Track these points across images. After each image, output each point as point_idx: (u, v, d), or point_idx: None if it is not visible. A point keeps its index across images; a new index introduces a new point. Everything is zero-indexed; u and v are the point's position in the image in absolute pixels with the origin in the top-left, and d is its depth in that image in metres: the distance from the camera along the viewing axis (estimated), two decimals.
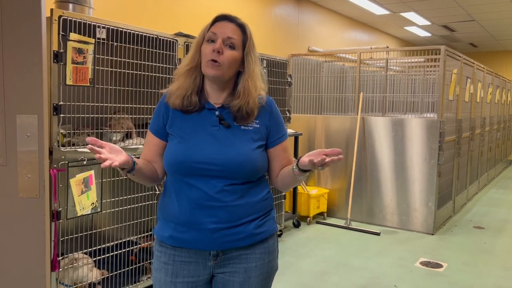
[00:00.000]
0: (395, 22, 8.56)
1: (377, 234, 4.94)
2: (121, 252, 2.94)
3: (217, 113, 1.53)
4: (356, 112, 5.47)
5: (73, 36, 2.46)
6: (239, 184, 1.49)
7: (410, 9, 7.53)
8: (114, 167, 1.30)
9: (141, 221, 3.06)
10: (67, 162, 2.50)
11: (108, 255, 2.86)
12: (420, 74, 6.12)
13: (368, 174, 5.37)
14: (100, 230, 2.89)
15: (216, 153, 1.47)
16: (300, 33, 6.69)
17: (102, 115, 2.80)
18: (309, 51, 6.89)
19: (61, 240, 2.53)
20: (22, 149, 1.88)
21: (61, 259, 2.57)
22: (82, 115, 2.64)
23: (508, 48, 11.86)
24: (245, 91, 1.51)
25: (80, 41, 2.49)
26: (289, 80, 4.60)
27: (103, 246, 2.87)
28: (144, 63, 2.95)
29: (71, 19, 2.45)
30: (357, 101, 5.44)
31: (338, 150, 1.32)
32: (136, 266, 3.03)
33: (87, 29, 2.53)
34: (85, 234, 2.73)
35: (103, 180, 2.72)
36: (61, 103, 2.46)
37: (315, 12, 7.09)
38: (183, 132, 1.52)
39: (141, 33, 2.87)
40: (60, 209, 2.48)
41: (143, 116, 3.02)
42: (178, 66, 3.05)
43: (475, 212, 6.19)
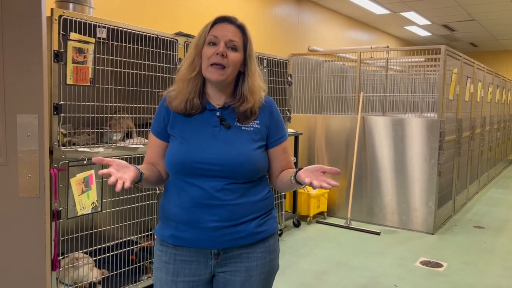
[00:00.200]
0: (395, 21, 8.56)
1: (377, 233, 4.94)
2: (121, 251, 2.94)
3: (218, 114, 1.53)
4: (356, 111, 5.47)
5: (74, 35, 2.46)
6: (240, 183, 1.49)
7: (410, 9, 7.53)
8: (126, 188, 1.29)
9: (141, 220, 3.06)
10: (68, 161, 2.51)
11: (108, 255, 2.86)
12: (420, 73, 6.11)
13: (368, 173, 5.37)
14: (100, 229, 2.89)
15: (216, 153, 1.47)
16: (300, 33, 6.69)
17: (102, 115, 2.80)
18: (309, 50, 6.88)
19: (61, 239, 2.54)
20: (22, 148, 1.88)
21: (61, 258, 2.57)
22: (82, 115, 2.64)
23: (508, 47, 11.86)
24: (251, 93, 1.53)
25: (80, 41, 2.49)
26: (289, 79, 4.60)
27: (104, 245, 2.87)
28: (144, 62, 2.95)
29: (71, 18, 2.46)
30: (357, 100, 5.44)
31: (336, 170, 1.35)
32: (136, 265, 3.03)
33: (88, 29, 2.54)
34: (85, 233, 2.74)
35: (104, 179, 2.72)
36: (62, 102, 2.46)
37: (315, 11, 7.09)
38: (184, 133, 1.53)
39: (142, 33, 2.87)
40: (60, 209, 2.49)
41: (144, 115, 3.02)
42: (178, 65, 3.06)
43: (475, 211, 6.19)
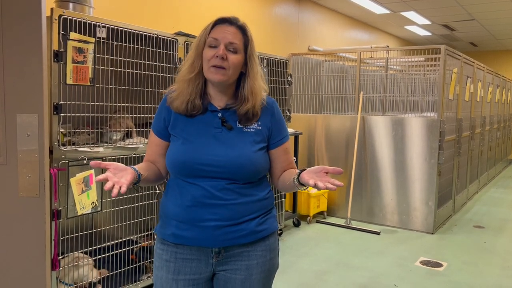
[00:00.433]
0: (395, 21, 8.56)
1: (377, 233, 4.94)
2: (121, 251, 2.94)
3: (219, 115, 1.53)
4: (356, 111, 5.47)
5: (74, 35, 2.46)
6: (241, 183, 1.50)
7: (410, 9, 7.53)
8: (122, 192, 1.28)
9: (141, 220, 3.06)
10: (68, 161, 2.51)
11: (108, 254, 2.86)
12: (420, 73, 6.11)
13: (368, 173, 5.37)
14: (100, 229, 2.90)
15: (218, 154, 1.48)
16: (300, 33, 6.69)
17: (102, 115, 2.80)
18: (309, 50, 6.88)
19: (61, 239, 2.54)
20: (22, 148, 1.88)
21: (61, 258, 2.57)
22: (82, 115, 2.64)
23: (508, 47, 11.86)
24: (252, 94, 1.53)
25: (80, 41, 2.49)
26: (289, 79, 4.60)
27: (104, 245, 2.87)
28: (144, 62, 2.95)
29: (71, 18, 2.46)
30: (357, 100, 5.44)
31: (339, 170, 1.36)
32: (136, 265, 3.03)
33: (88, 29, 2.54)
34: (85, 233, 2.74)
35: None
36: (61, 102, 2.46)
37: (315, 11, 7.09)
38: (185, 133, 1.53)
39: (141, 33, 2.87)
40: (60, 208, 2.49)
41: (143, 115, 3.02)
42: (178, 65, 3.06)
43: (475, 211, 6.19)
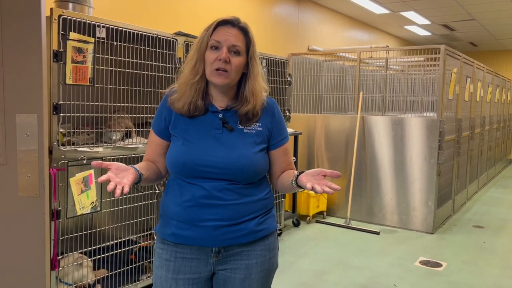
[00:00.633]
0: (395, 21, 8.56)
1: (377, 233, 4.94)
2: (121, 251, 2.94)
3: (220, 116, 1.54)
4: (356, 111, 5.47)
5: (73, 35, 2.45)
6: (241, 184, 1.51)
7: (410, 8, 7.53)
8: (125, 193, 1.28)
9: (141, 220, 3.06)
10: (67, 161, 2.51)
11: (108, 254, 2.86)
12: (420, 73, 6.11)
13: (368, 173, 5.37)
14: (100, 229, 2.89)
15: (218, 156, 1.48)
16: (300, 32, 6.69)
17: (101, 114, 2.80)
18: (309, 50, 6.88)
19: (60, 239, 2.54)
20: (22, 148, 1.88)
21: (60, 258, 2.57)
22: (82, 114, 2.64)
23: (508, 47, 11.86)
24: (253, 94, 1.53)
25: (80, 40, 2.49)
26: (289, 79, 4.60)
27: (103, 245, 2.87)
28: (143, 62, 2.95)
29: (71, 18, 2.45)
30: (357, 100, 5.44)
31: (337, 173, 1.35)
32: (136, 265, 3.03)
33: (87, 28, 2.53)
34: (85, 233, 2.74)
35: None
36: (61, 102, 2.46)
37: (315, 11, 7.09)
38: (186, 134, 1.53)
39: (141, 32, 2.87)
40: (60, 208, 2.49)
41: (143, 115, 3.02)
42: (178, 65, 3.06)
43: (474, 211, 6.19)
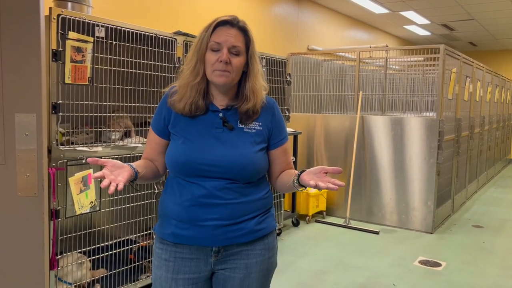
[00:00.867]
0: (394, 21, 8.56)
1: (376, 233, 4.94)
2: (120, 250, 2.94)
3: (220, 115, 1.54)
4: (355, 111, 5.47)
5: (72, 34, 2.45)
6: (241, 183, 1.51)
7: (409, 8, 7.53)
8: (119, 190, 1.29)
9: (140, 219, 3.06)
10: (66, 160, 2.50)
11: (107, 254, 2.86)
12: (419, 73, 6.11)
13: (367, 173, 5.38)
14: (99, 228, 2.89)
15: (219, 155, 1.48)
16: (299, 32, 6.69)
17: (101, 114, 2.80)
18: (308, 50, 6.88)
19: (59, 238, 2.53)
20: (20, 147, 1.88)
21: (59, 258, 2.57)
22: (81, 114, 2.64)
23: (507, 47, 11.86)
24: (253, 93, 1.53)
25: (79, 40, 2.49)
26: (288, 79, 4.60)
27: (102, 244, 2.87)
28: (143, 61, 2.95)
29: (69, 17, 2.45)
30: (357, 100, 5.44)
31: (338, 169, 1.37)
32: (135, 264, 3.03)
33: (86, 28, 2.53)
34: (84, 232, 2.74)
35: (101, 180, 2.71)
36: (60, 101, 2.46)
37: (315, 10, 7.08)
38: (186, 132, 1.53)
39: (140, 32, 2.87)
40: (58, 208, 2.48)
41: (142, 114, 3.02)
42: (177, 65, 3.06)
43: (474, 211, 6.20)
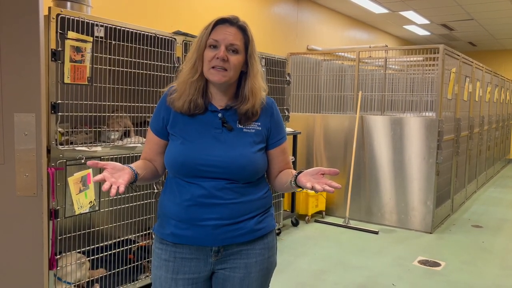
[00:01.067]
0: (394, 21, 8.56)
1: (376, 232, 4.94)
2: (119, 250, 2.93)
3: (219, 116, 1.53)
4: (355, 111, 5.47)
5: (71, 34, 2.45)
6: (240, 183, 1.51)
7: (409, 8, 7.53)
8: (120, 192, 1.28)
9: (140, 219, 3.06)
10: (65, 160, 2.50)
11: (106, 254, 2.86)
12: (419, 73, 6.11)
13: (366, 173, 5.38)
14: (98, 228, 2.89)
15: (218, 155, 1.48)
16: (299, 32, 6.69)
17: (100, 114, 2.80)
18: (308, 49, 6.88)
19: (59, 238, 2.53)
20: (20, 147, 1.87)
21: (58, 258, 2.56)
22: (80, 114, 2.64)
23: (507, 47, 11.86)
24: (252, 93, 1.53)
25: (78, 40, 2.49)
26: (287, 78, 4.60)
27: (101, 244, 2.87)
28: (142, 61, 2.95)
29: (69, 17, 2.45)
30: (356, 100, 5.44)
31: (336, 171, 1.36)
32: (134, 264, 3.03)
33: (85, 28, 2.53)
34: (83, 232, 2.73)
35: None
36: (59, 101, 2.46)
37: (314, 10, 7.08)
38: (185, 133, 1.53)
39: (139, 32, 2.86)
40: (58, 208, 2.48)
41: (142, 114, 3.02)
42: (176, 64, 3.06)
43: (473, 211, 6.20)
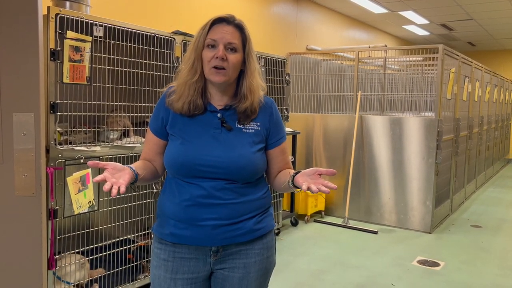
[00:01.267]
0: (393, 20, 8.56)
1: (375, 232, 4.94)
2: (118, 250, 2.93)
3: (219, 116, 1.53)
4: (354, 110, 5.47)
5: (70, 34, 2.45)
6: (240, 183, 1.51)
7: (408, 8, 7.53)
8: (122, 193, 1.28)
9: (139, 219, 3.05)
10: (64, 160, 2.50)
11: (105, 254, 2.86)
12: (418, 73, 6.11)
13: (366, 172, 5.38)
14: (97, 228, 2.89)
15: (217, 155, 1.48)
16: (298, 32, 6.69)
17: (99, 113, 2.79)
18: (307, 49, 6.88)
19: (58, 238, 2.53)
20: (18, 147, 1.87)
21: (57, 257, 2.56)
22: (79, 113, 2.64)
23: (506, 47, 11.87)
24: (250, 91, 1.53)
25: (77, 39, 2.48)
26: (287, 78, 4.60)
27: (100, 244, 2.86)
28: (141, 61, 2.94)
29: (68, 17, 2.45)
30: (355, 99, 5.44)
31: (333, 171, 1.36)
32: (133, 264, 3.03)
33: (84, 27, 2.53)
34: (82, 232, 2.73)
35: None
36: (58, 101, 2.46)
37: (314, 10, 7.08)
38: (185, 133, 1.52)
39: (139, 31, 2.86)
40: (57, 208, 2.48)
41: (141, 114, 3.02)
42: (176, 64, 3.05)
43: (472, 211, 6.20)
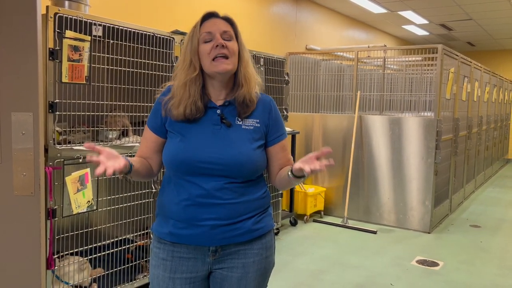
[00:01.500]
0: (393, 20, 8.56)
1: (374, 232, 4.94)
2: (117, 250, 2.93)
3: (218, 112, 1.53)
4: (353, 110, 5.47)
5: (69, 33, 2.44)
6: (239, 182, 1.50)
7: (408, 8, 7.53)
8: (108, 175, 1.28)
9: (138, 219, 3.05)
10: (63, 160, 2.50)
11: (104, 253, 2.85)
12: (417, 72, 6.12)
13: (365, 172, 5.38)
14: (96, 228, 2.89)
15: (217, 152, 1.47)
16: (297, 31, 6.69)
17: (98, 113, 2.80)
18: (306, 49, 6.88)
19: (56, 238, 2.53)
20: (17, 146, 1.87)
21: (56, 257, 2.56)
22: (78, 113, 2.63)
23: (505, 47, 11.87)
24: (246, 79, 1.54)
25: (76, 39, 2.48)
26: (286, 78, 4.60)
27: (99, 244, 2.86)
28: (140, 61, 2.94)
29: (67, 16, 2.44)
30: (355, 99, 5.44)
31: (328, 150, 1.35)
32: (132, 264, 3.03)
33: (83, 27, 2.53)
34: (81, 232, 2.73)
35: (99, 178, 2.71)
36: (57, 100, 2.45)
37: (313, 10, 7.08)
38: (184, 130, 1.52)
39: (138, 31, 2.86)
40: (55, 207, 2.48)
41: (140, 114, 3.01)
42: (175, 64, 3.05)
43: (471, 210, 6.21)
